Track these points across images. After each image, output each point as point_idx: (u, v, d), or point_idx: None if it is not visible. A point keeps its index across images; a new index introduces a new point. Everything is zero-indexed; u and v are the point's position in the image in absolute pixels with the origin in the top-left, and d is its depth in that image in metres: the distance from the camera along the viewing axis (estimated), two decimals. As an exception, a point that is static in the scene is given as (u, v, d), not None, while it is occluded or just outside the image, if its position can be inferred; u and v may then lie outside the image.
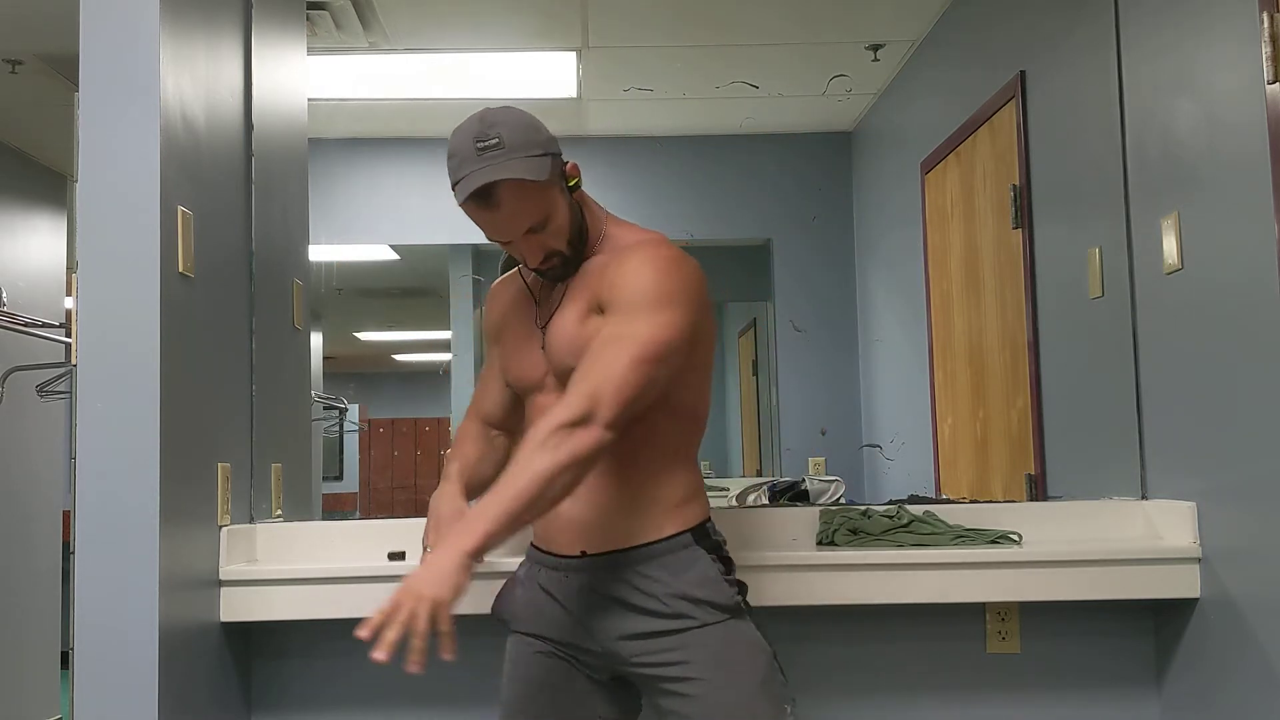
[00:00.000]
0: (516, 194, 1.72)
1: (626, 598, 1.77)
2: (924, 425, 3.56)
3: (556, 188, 1.77)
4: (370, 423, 3.91)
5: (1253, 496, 2.08)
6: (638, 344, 1.68)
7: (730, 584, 1.79)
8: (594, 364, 1.68)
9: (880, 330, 3.78)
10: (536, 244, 1.78)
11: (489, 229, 1.77)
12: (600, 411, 1.63)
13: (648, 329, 1.69)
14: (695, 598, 1.75)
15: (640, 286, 1.72)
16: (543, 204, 1.75)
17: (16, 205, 4.74)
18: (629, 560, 1.78)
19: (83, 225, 2.01)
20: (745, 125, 3.83)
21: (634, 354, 1.67)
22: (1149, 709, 2.40)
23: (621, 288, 1.74)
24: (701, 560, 1.78)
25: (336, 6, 3.31)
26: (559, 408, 1.65)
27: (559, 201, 1.77)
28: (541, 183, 1.73)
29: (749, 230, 3.84)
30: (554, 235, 1.78)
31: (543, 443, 1.61)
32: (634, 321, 1.70)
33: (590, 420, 1.63)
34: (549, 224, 1.77)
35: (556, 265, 1.81)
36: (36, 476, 4.69)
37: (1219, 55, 2.14)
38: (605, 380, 1.65)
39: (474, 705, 2.38)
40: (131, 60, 2.03)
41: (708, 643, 1.75)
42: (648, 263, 1.75)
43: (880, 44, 3.64)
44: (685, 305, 1.73)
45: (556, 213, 1.77)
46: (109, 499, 1.97)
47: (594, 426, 1.62)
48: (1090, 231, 2.65)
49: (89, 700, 1.95)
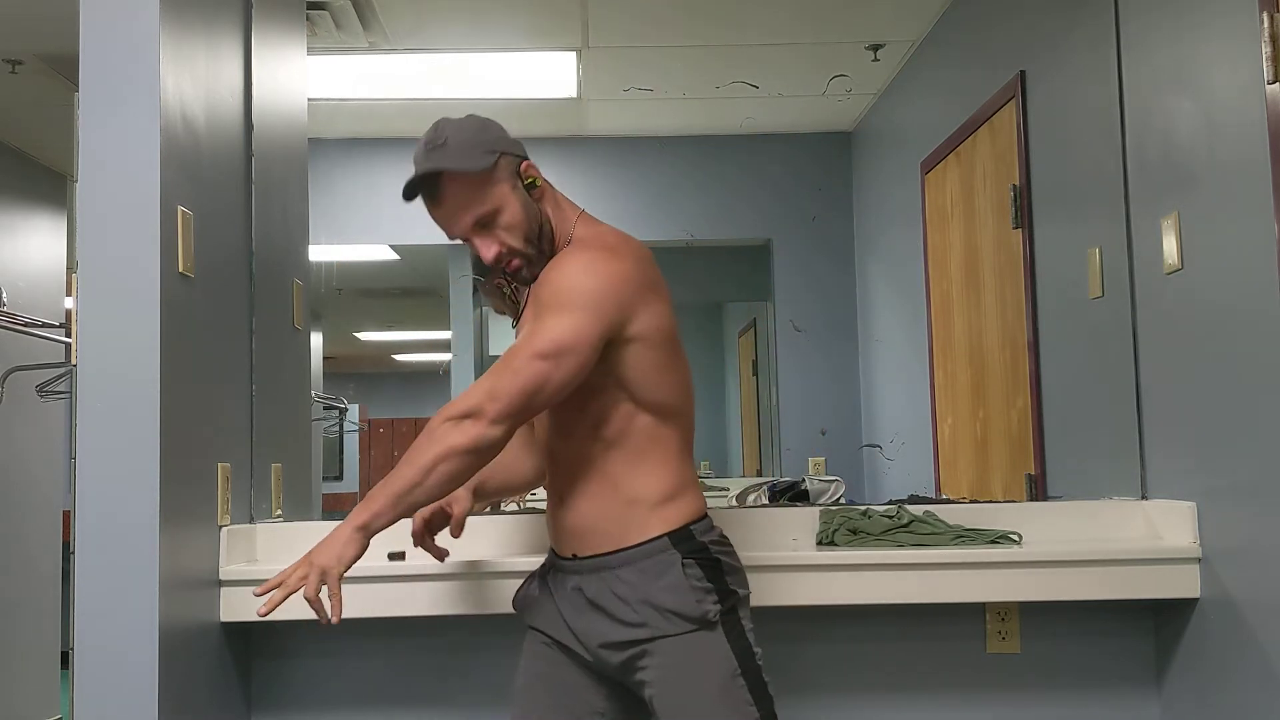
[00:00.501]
0: (457, 186, 1.78)
1: (606, 605, 1.77)
2: (924, 425, 3.56)
3: (507, 184, 1.80)
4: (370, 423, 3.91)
5: (1253, 496, 2.07)
6: (535, 342, 1.71)
7: (705, 592, 1.75)
8: (499, 362, 1.73)
9: (880, 330, 3.78)
10: (491, 239, 1.80)
11: (439, 223, 1.83)
12: (488, 406, 1.67)
13: (548, 329, 1.71)
14: (661, 606, 1.74)
15: (553, 287, 1.75)
16: (487, 198, 1.79)
17: (16, 205, 4.74)
18: (610, 565, 1.78)
19: (83, 225, 2.01)
20: (745, 125, 3.83)
21: (529, 351, 1.71)
22: (1149, 709, 2.40)
23: (541, 288, 1.78)
24: (674, 567, 1.75)
25: (336, 6, 3.31)
26: (456, 400, 1.71)
27: (510, 198, 1.80)
28: (483, 175, 1.78)
29: (749, 230, 3.84)
30: (507, 231, 1.80)
31: (430, 432, 1.68)
32: (540, 320, 1.73)
33: (477, 415, 1.67)
34: (498, 218, 1.79)
35: (520, 266, 1.82)
36: (36, 477, 4.69)
37: (1219, 55, 2.14)
38: (499, 376, 1.70)
39: (474, 705, 2.38)
40: (131, 60, 2.03)
41: (667, 651, 1.73)
42: (568, 264, 1.78)
43: (880, 44, 3.64)
44: (593, 309, 1.72)
45: (506, 208, 1.80)
46: (109, 499, 1.97)
47: (480, 421, 1.67)
48: (1090, 231, 2.65)
49: (89, 700, 1.95)
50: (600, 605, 1.78)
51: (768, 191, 3.83)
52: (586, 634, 1.79)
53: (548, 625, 1.87)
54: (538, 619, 1.90)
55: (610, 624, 1.76)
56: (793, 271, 3.83)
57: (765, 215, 3.84)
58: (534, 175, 1.84)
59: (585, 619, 1.80)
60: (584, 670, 1.85)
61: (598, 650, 1.78)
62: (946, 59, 3.53)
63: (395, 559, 2.31)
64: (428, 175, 1.79)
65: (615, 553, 1.78)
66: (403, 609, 2.25)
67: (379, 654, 2.42)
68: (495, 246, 1.80)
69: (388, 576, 2.25)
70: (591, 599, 1.79)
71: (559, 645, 1.86)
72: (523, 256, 1.81)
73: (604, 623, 1.77)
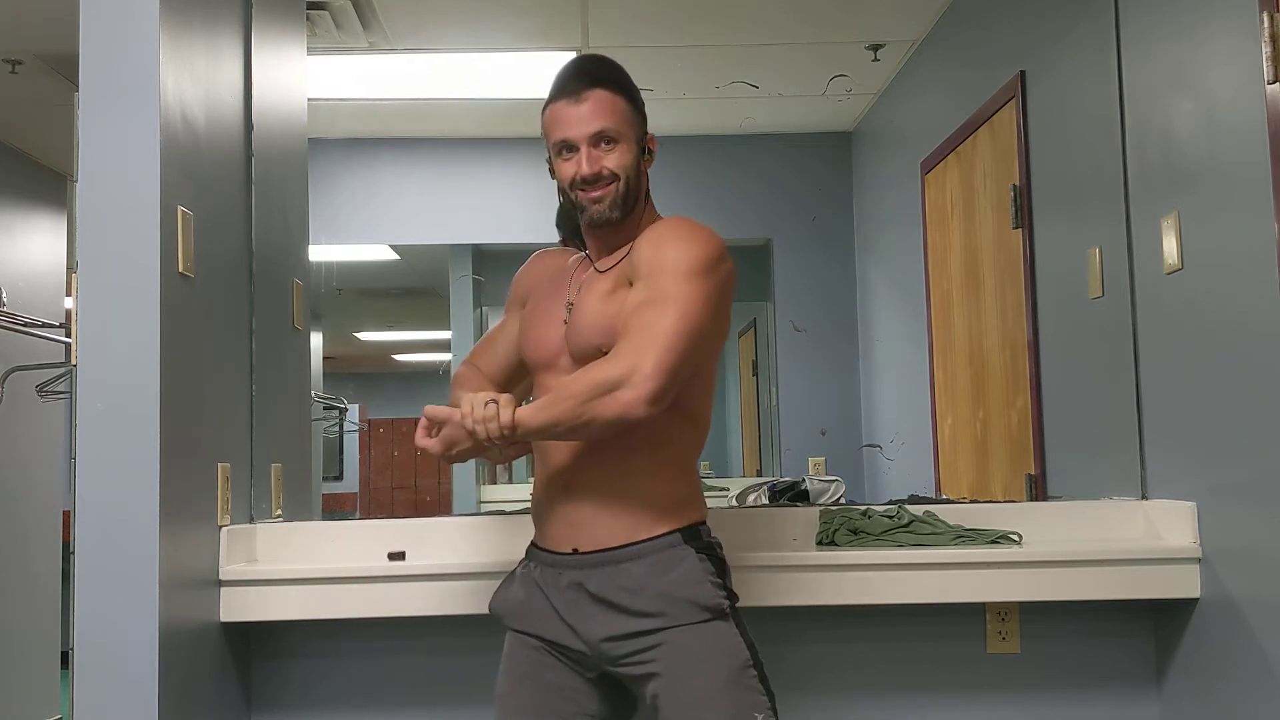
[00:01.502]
0: (611, 103, 1.81)
1: (612, 598, 1.77)
2: (924, 425, 3.56)
3: (636, 136, 1.85)
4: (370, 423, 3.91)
5: (1253, 496, 2.07)
6: (679, 308, 1.70)
7: (718, 587, 1.77)
8: (634, 328, 1.70)
9: (880, 330, 3.78)
10: (600, 155, 1.81)
11: (564, 118, 1.82)
12: (635, 386, 1.66)
13: (689, 293, 1.71)
14: (676, 596, 1.75)
15: (678, 252, 1.76)
16: (623, 128, 1.82)
17: (16, 205, 4.74)
18: (616, 559, 1.77)
19: (83, 225, 2.01)
20: (746, 125, 3.84)
21: (676, 319, 1.69)
22: (1149, 709, 2.40)
23: (655, 252, 1.77)
24: (688, 559, 1.77)
25: (336, 6, 3.31)
26: (602, 364, 1.69)
27: (633, 146, 1.84)
28: (635, 113, 1.84)
29: (749, 230, 3.84)
30: (617, 161, 1.81)
31: (580, 396, 1.67)
32: (677, 283, 1.72)
33: (624, 387, 1.66)
34: (616, 148, 1.81)
35: (607, 196, 1.81)
36: (36, 477, 4.69)
37: (1219, 55, 2.14)
38: (648, 355, 1.67)
39: (474, 705, 2.38)
40: (131, 60, 2.03)
41: (678, 641, 1.74)
42: (684, 229, 1.80)
43: (880, 44, 3.64)
44: (716, 278, 1.76)
45: (628, 149, 1.83)
46: (109, 499, 1.97)
47: (634, 398, 1.66)
48: (1090, 231, 2.65)
49: (89, 700, 1.95)
50: (606, 599, 1.77)
51: (768, 191, 3.83)
52: (589, 629, 1.79)
53: (538, 626, 1.84)
54: (525, 621, 1.87)
55: (617, 617, 1.76)
56: (793, 271, 3.83)
57: (765, 215, 3.85)
58: (654, 150, 1.89)
59: (587, 614, 1.79)
60: (574, 673, 1.83)
61: (601, 645, 1.78)
62: (946, 59, 3.54)
63: (395, 559, 2.31)
64: (605, 68, 1.84)
65: (622, 547, 1.77)
66: (403, 609, 2.25)
67: (379, 654, 2.42)
68: (599, 163, 1.81)
69: (388, 576, 2.26)
70: (595, 593, 1.78)
71: (549, 647, 1.84)
72: (617, 189, 1.81)
73: (609, 616, 1.77)
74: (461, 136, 3.76)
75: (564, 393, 1.70)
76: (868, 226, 3.82)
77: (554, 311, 1.90)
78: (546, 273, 2.00)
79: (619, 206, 1.82)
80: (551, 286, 1.95)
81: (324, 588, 2.25)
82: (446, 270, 3.88)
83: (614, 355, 1.70)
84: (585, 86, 1.81)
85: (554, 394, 1.72)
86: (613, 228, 1.84)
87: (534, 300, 1.97)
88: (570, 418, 1.68)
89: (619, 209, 1.82)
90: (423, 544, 2.38)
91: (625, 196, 1.82)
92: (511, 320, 2.03)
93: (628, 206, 1.83)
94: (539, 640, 1.85)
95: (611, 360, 1.69)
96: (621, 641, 1.76)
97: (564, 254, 2.03)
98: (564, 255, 2.02)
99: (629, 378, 1.66)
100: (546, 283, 1.97)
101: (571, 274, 1.92)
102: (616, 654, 1.77)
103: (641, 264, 1.78)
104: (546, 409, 1.70)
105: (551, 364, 1.88)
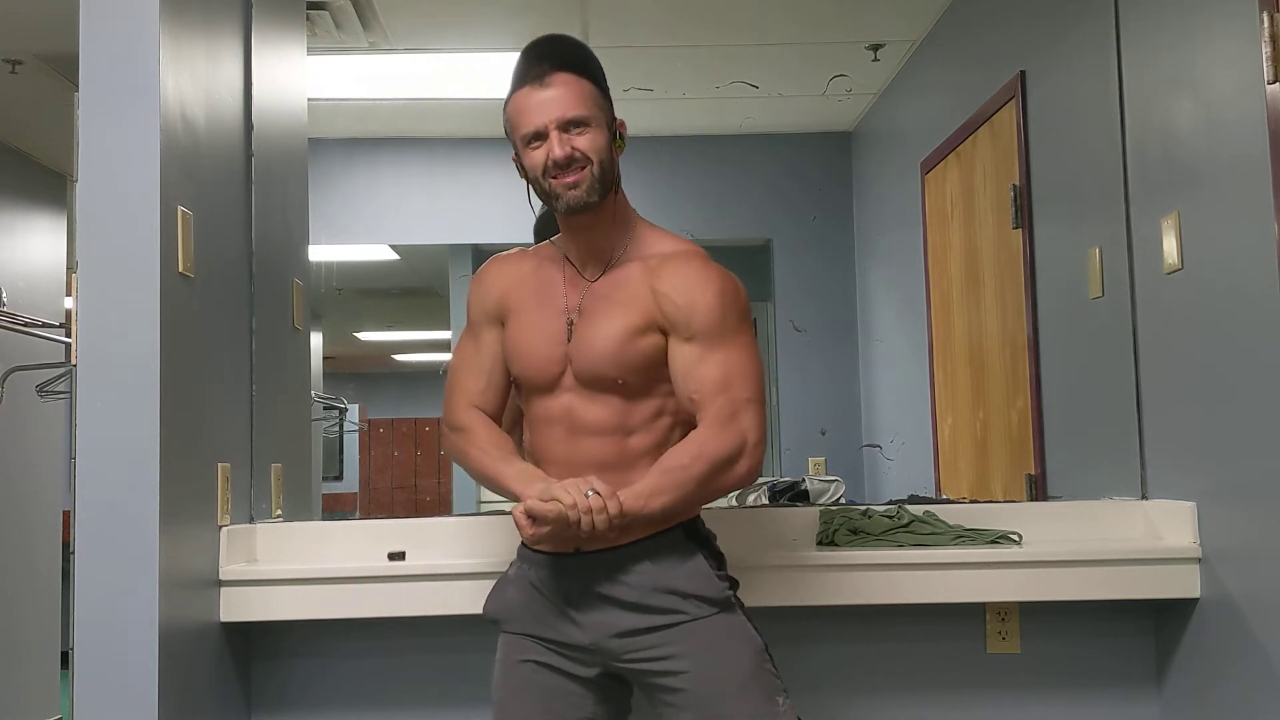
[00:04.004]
0: (578, 86, 1.79)
1: (618, 595, 1.78)
2: (924, 425, 3.56)
3: (606, 121, 1.82)
4: (370, 423, 3.91)
5: (1253, 496, 2.08)
6: (749, 365, 1.79)
7: (721, 579, 1.81)
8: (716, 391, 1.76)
9: (880, 330, 3.78)
10: (570, 140, 1.77)
11: (534, 104, 1.78)
12: (749, 455, 1.76)
13: (747, 343, 1.81)
14: (685, 592, 1.77)
15: (715, 298, 1.79)
16: (592, 113, 1.79)
17: (16, 205, 4.74)
18: (620, 557, 1.78)
19: (83, 225, 2.01)
20: (745, 125, 3.84)
21: (752, 377, 1.79)
22: (1149, 709, 2.40)
23: (691, 298, 1.79)
24: (695, 556, 1.80)
25: (336, 6, 3.31)
26: (709, 441, 1.74)
27: (603, 131, 1.81)
28: (603, 98, 1.82)
29: (749, 230, 3.85)
30: (589, 145, 1.78)
31: (700, 479, 1.73)
32: (735, 335, 1.79)
33: (741, 459, 1.75)
34: (586, 132, 1.78)
35: (581, 181, 1.77)
36: (36, 476, 4.69)
37: (1219, 55, 2.14)
38: (750, 423, 1.76)
39: (474, 705, 2.38)
40: (131, 60, 2.02)
41: (698, 635, 1.76)
42: (708, 271, 1.82)
43: (880, 44, 3.64)
44: (750, 315, 1.85)
45: (598, 133, 1.79)
46: (109, 499, 1.96)
47: (750, 468, 1.76)
48: (1090, 231, 2.65)
49: (89, 700, 1.95)
50: (613, 596, 1.78)
51: (768, 191, 3.83)
52: (595, 626, 1.79)
53: (538, 627, 1.84)
54: (524, 623, 1.86)
55: (628, 614, 1.77)
56: (793, 272, 3.84)
57: (765, 215, 3.85)
58: (624, 135, 1.87)
59: (594, 612, 1.79)
60: (571, 676, 1.83)
61: (609, 641, 1.78)
62: (946, 59, 3.54)
63: (395, 559, 2.31)
64: (567, 48, 1.83)
65: (627, 545, 1.77)
66: (403, 609, 2.25)
67: (379, 654, 2.42)
68: (571, 148, 1.77)
69: (388, 576, 2.26)
70: (602, 591, 1.78)
71: (550, 646, 1.84)
72: (591, 172, 1.77)
73: (620, 613, 1.77)
74: (462, 136, 3.76)
75: (677, 476, 1.73)
76: (868, 227, 3.82)
77: (549, 327, 1.84)
78: (517, 279, 1.90)
79: (596, 190, 1.78)
80: (537, 298, 1.87)
81: (324, 588, 2.25)
82: (446, 270, 3.88)
83: (713, 425, 1.74)
84: (548, 70, 1.78)
85: (662, 476, 1.73)
86: (591, 218, 1.81)
87: (517, 314, 1.88)
88: (693, 499, 1.76)
89: (596, 192, 1.78)
90: (423, 544, 2.38)
91: (601, 180, 1.78)
92: (489, 337, 1.92)
93: (604, 190, 1.79)
94: (536, 641, 1.85)
95: (715, 434, 1.74)
96: (634, 638, 1.77)
97: (526, 256, 1.94)
98: (528, 257, 1.94)
99: (743, 449, 1.74)
100: (525, 292, 1.89)
101: (561, 283, 1.86)
102: (623, 650, 1.78)
103: (676, 310, 1.79)
104: (661, 494, 1.72)
105: (553, 385, 1.83)
